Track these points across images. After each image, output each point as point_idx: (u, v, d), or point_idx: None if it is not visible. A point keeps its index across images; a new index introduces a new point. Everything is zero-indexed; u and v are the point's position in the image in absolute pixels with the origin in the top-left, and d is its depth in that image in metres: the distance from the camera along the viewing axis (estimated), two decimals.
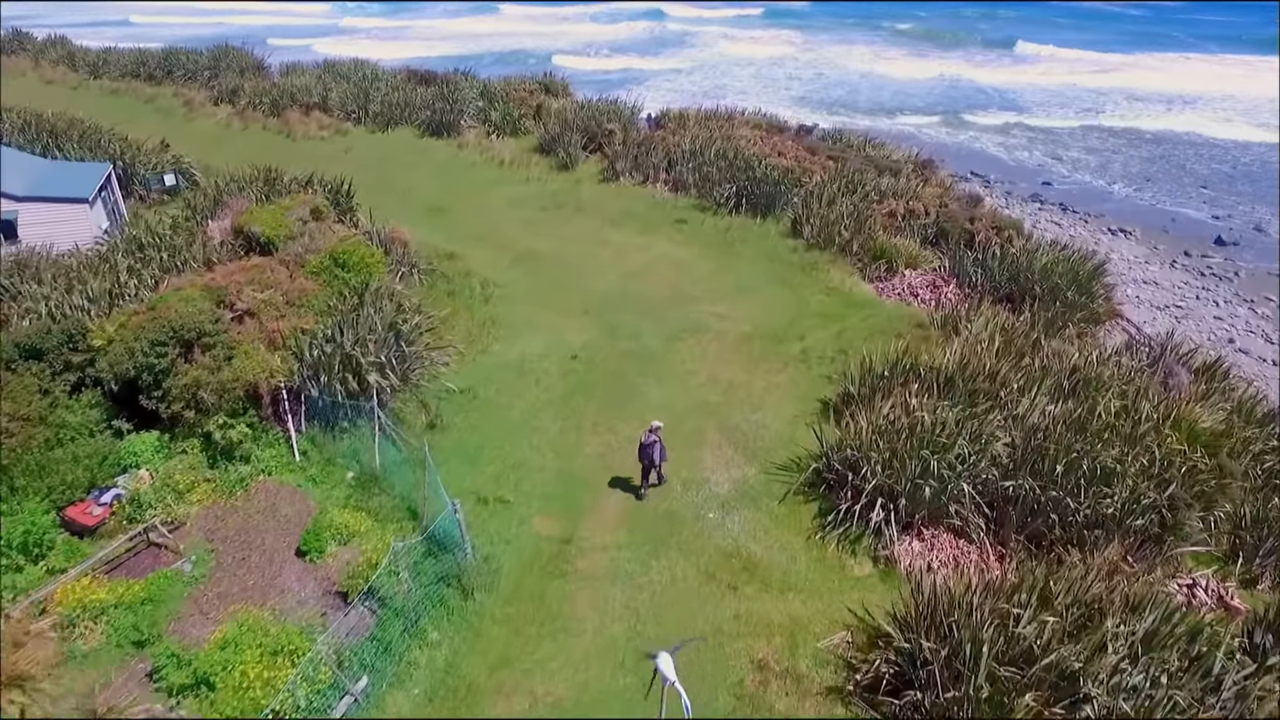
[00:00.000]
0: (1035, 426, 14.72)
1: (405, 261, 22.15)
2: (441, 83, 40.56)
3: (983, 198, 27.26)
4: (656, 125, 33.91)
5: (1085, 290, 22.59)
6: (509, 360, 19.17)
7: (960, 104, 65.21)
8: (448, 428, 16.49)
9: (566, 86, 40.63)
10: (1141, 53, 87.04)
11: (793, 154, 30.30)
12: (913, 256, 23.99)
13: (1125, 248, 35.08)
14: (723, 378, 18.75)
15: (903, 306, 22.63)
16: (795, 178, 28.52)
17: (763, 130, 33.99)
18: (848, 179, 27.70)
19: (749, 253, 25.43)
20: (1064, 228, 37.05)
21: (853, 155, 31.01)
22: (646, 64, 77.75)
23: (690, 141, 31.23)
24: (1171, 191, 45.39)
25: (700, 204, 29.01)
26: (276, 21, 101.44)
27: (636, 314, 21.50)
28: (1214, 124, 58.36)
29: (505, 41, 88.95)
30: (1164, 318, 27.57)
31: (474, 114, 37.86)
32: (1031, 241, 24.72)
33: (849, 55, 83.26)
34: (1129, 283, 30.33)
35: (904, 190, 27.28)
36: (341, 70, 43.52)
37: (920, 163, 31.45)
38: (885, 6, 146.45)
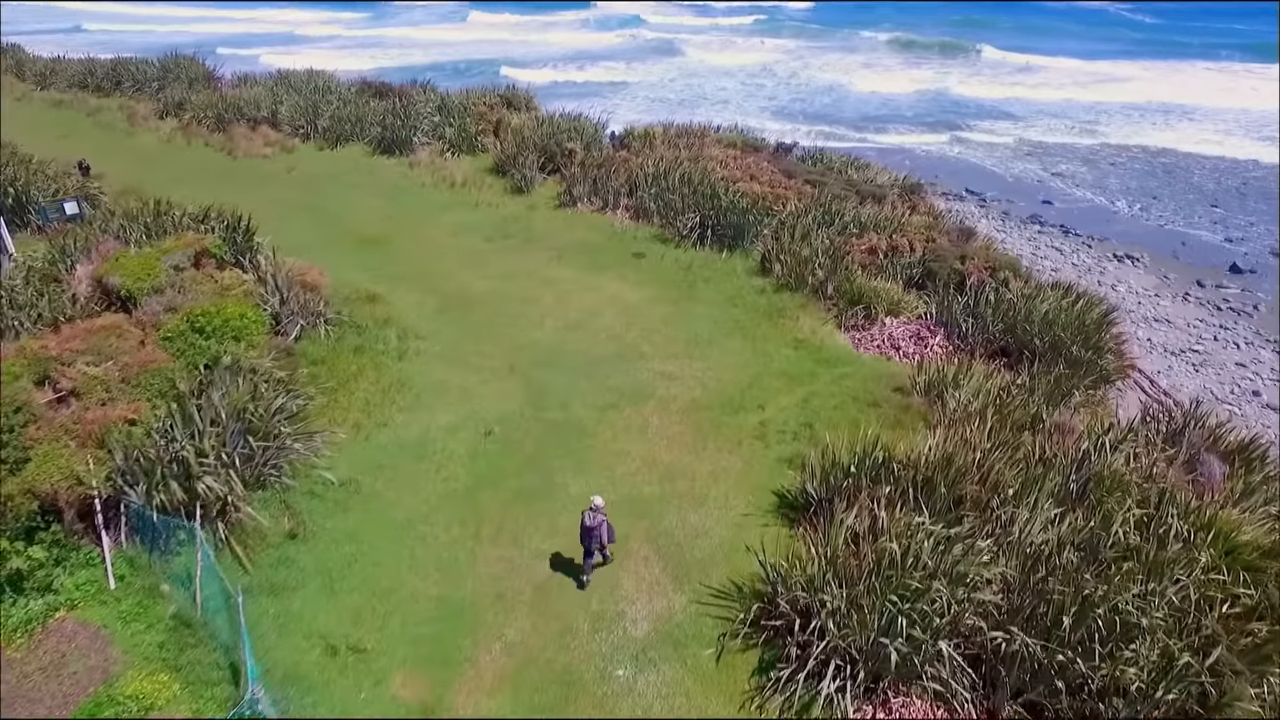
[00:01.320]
0: (1035, 554, 11.46)
1: (308, 311, 18.93)
2: (397, 96, 37.40)
3: (975, 230, 24.01)
4: (620, 144, 30.67)
5: (1092, 343, 19.33)
6: (410, 438, 15.93)
7: (956, 117, 61.92)
8: (313, 536, 13.26)
9: (531, 100, 37.38)
10: (1146, 60, 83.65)
11: (766, 178, 27.07)
12: (895, 302, 20.73)
13: (1133, 277, 31.75)
14: (661, 461, 15.50)
15: (882, 362, 19.37)
16: (767, 206, 25.29)
17: (737, 150, 30.75)
18: (824, 208, 24.45)
19: (710, 295, 22.17)
20: (1066, 254, 33.74)
21: (833, 179, 27.76)
22: (626, 73, 74.45)
23: (654, 164, 28.00)
24: (1180, 210, 42.06)
25: (662, 235, 25.77)
26: (233, 30, 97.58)
27: (571, 374, 18.25)
28: (1221, 138, 54.99)
29: (481, 50, 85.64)
30: (1180, 365, 24.24)
31: (429, 130, 34.66)
32: (1030, 284, 21.44)
33: (838, 65, 79.96)
34: (1139, 321, 27.00)
35: (887, 222, 24.02)
36: (295, 82, 40.35)
37: (907, 187, 28.19)
38: (882, 13, 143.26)
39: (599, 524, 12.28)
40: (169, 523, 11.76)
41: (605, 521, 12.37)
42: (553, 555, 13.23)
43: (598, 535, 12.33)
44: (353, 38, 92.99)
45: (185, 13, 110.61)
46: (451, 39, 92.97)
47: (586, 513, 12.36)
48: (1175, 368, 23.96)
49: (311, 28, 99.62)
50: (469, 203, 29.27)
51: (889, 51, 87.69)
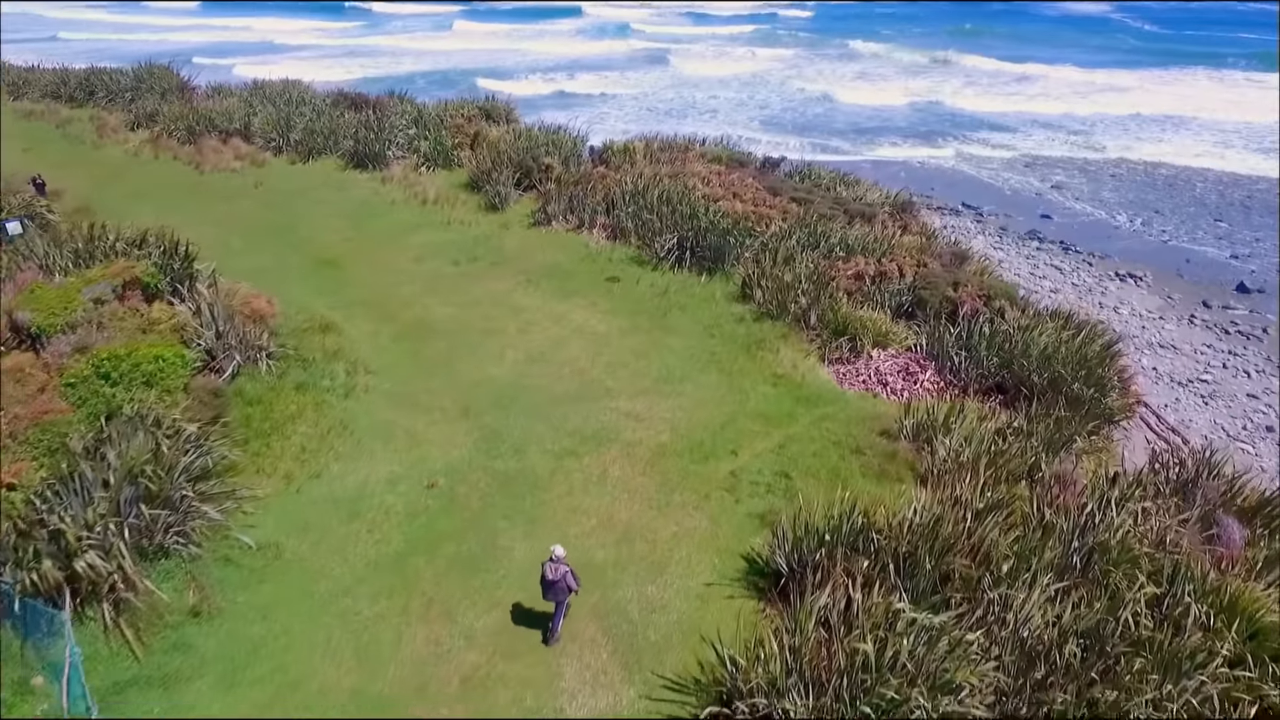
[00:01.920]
0: (1033, 650, 9.90)
1: (248, 345, 17.39)
2: (372, 108, 35.93)
3: (969, 254, 22.48)
4: (599, 160, 29.16)
5: (1094, 379, 17.76)
6: (345, 491, 14.39)
7: (953, 128, 60.46)
8: (221, 614, 11.71)
9: (511, 112, 35.89)
10: (1146, 69, 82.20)
11: (750, 195, 25.54)
12: (882, 333, 19.17)
13: (1136, 298, 30.19)
14: (620, 519, 13.94)
15: (868, 400, 17.79)
16: (749, 226, 23.76)
17: (721, 165, 29.24)
18: (810, 229, 22.91)
19: (685, 324, 20.62)
20: (1065, 273, 32.18)
21: (820, 197, 26.23)
22: (615, 83, 72.93)
23: (633, 180, 26.49)
24: (1183, 225, 40.52)
25: (639, 256, 24.24)
26: (212, 39, 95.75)
27: (529, 415, 16.70)
28: (1223, 150, 53.50)
29: (470, 59, 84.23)
30: (1188, 397, 22.65)
31: (404, 144, 33.18)
32: (1028, 313, 19.88)
33: (833, 75, 78.59)
34: (1143, 348, 25.43)
35: (876, 244, 22.49)
36: (270, 93, 38.91)
37: (899, 204, 26.66)
38: (880, 22, 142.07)
39: (561, 576, 11.08)
40: (33, 609, 10.21)
41: (569, 572, 11.15)
42: (487, 634, 11.68)
43: (561, 588, 11.15)
44: (337, 47, 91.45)
45: (164, 21, 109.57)
46: (438, 48, 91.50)
47: (547, 564, 11.14)
48: (1183, 400, 22.38)
49: (293, 37, 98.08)
50: (439, 221, 27.74)
51: (885, 61, 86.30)
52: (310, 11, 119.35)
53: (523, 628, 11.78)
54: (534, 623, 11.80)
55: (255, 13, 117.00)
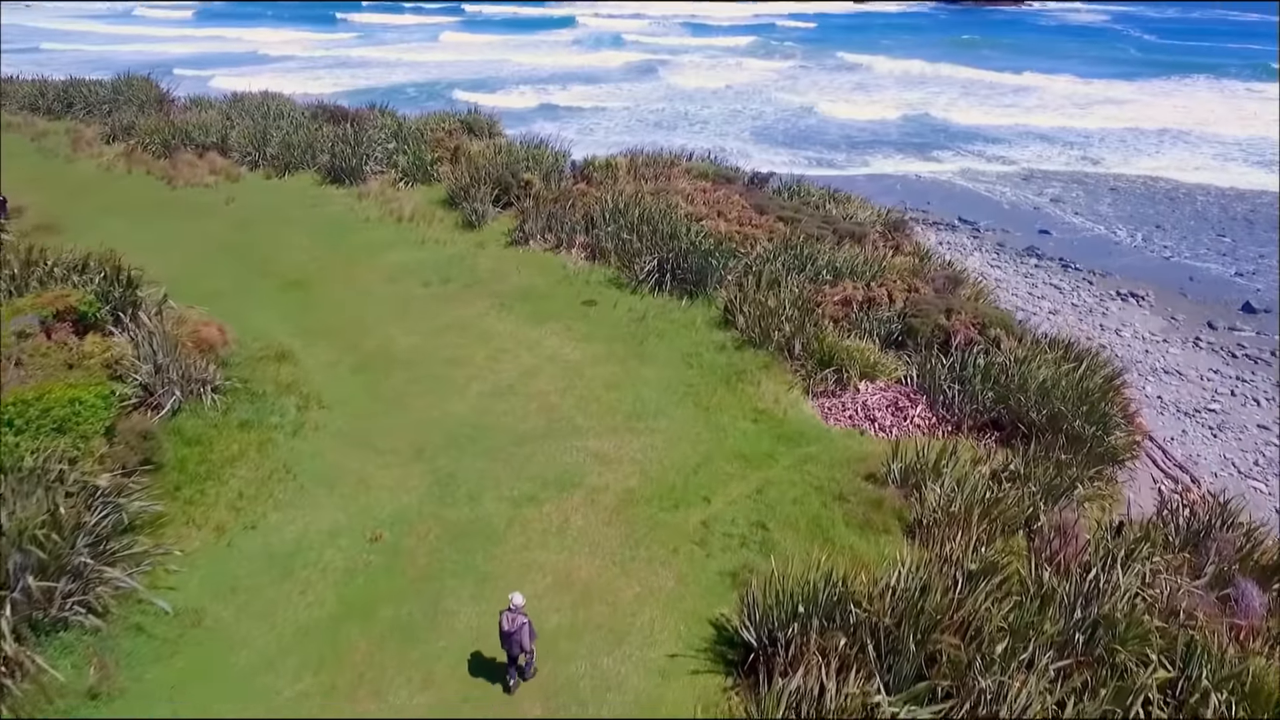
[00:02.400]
0: None
1: (192, 379, 16.16)
2: (351, 121, 34.81)
3: (963, 278, 21.23)
4: (580, 175, 27.98)
5: (1097, 416, 16.49)
6: (281, 545, 13.13)
7: (950, 141, 59.36)
8: (123, 694, 10.42)
9: (494, 125, 34.74)
10: (1146, 81, 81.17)
11: (735, 214, 24.34)
12: (870, 364, 17.91)
13: (1138, 318, 28.93)
14: (579, 577, 12.67)
15: (854, 438, 16.52)
16: (733, 247, 22.55)
17: (708, 181, 28.05)
18: (796, 251, 21.68)
19: (663, 353, 19.38)
20: (1065, 292, 30.94)
21: (808, 215, 25.03)
22: (608, 94, 71.91)
23: (613, 198, 25.30)
24: (1185, 240, 39.30)
25: (618, 278, 23.02)
26: (195, 50, 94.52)
27: (488, 457, 15.44)
28: (1224, 164, 52.32)
29: (461, 70, 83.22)
30: (1196, 429, 21.36)
31: (382, 158, 32.03)
32: (1024, 342, 18.62)
33: (830, 86, 77.62)
34: (1147, 374, 24.14)
35: (865, 266, 21.26)
36: (249, 105, 37.82)
37: (891, 222, 25.43)
38: (879, 33, 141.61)
39: (519, 627, 10.18)
40: None
41: (527, 624, 10.23)
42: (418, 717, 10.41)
43: (518, 640, 10.22)
44: (326, 58, 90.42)
45: (153, 31, 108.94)
46: (429, 59, 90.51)
47: (504, 614, 10.24)
48: (1191, 432, 21.09)
49: (283, 48, 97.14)
50: (414, 240, 26.55)
51: (883, 73, 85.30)
52: (303, 23, 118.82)
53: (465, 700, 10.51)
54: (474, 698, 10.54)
55: (248, 23, 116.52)
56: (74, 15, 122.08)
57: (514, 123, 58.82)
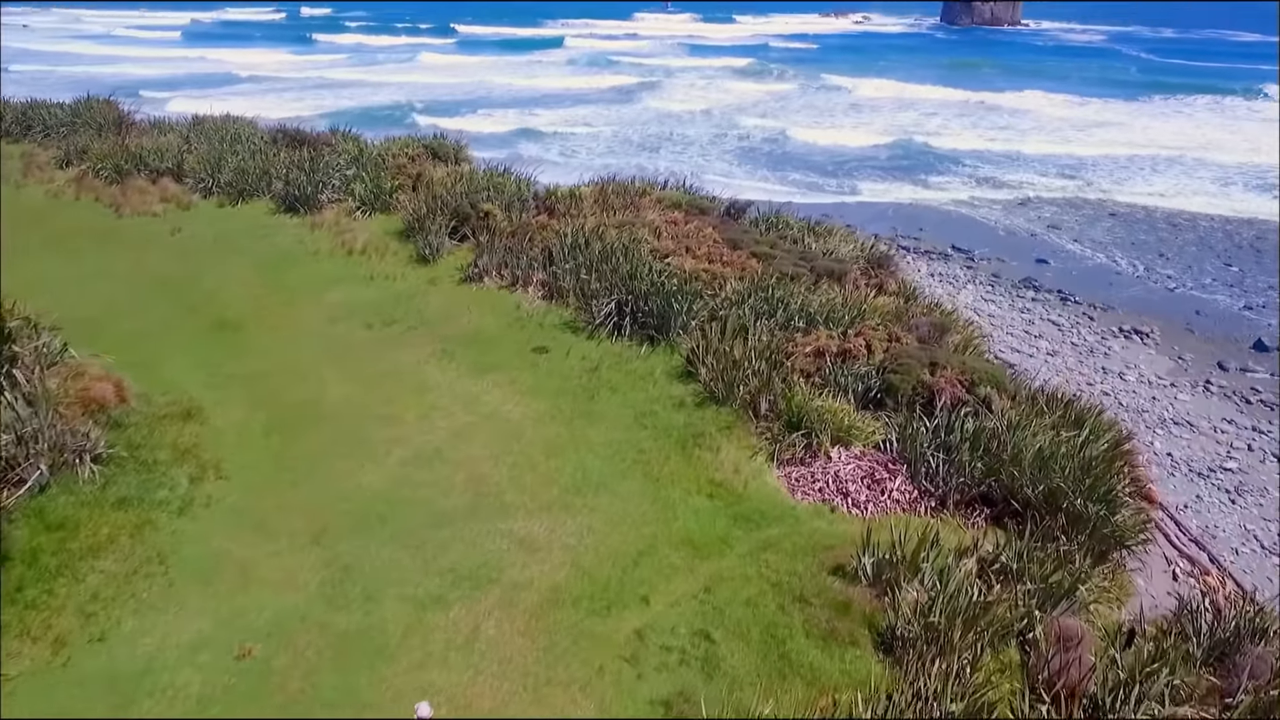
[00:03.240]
0: None
1: (65, 447, 14.01)
2: (312, 145, 32.87)
3: (950, 323, 19.05)
4: (543, 206, 25.91)
5: (1101, 491, 14.26)
6: (130, 663, 10.89)
7: (945, 164, 57.44)
8: None
9: (461, 149, 32.73)
10: (1144, 101, 79.37)
11: (705, 250, 22.24)
12: (844, 427, 15.70)
13: (1144, 359, 26.73)
14: (479, 708, 10.43)
15: (822, 517, 14.29)
16: (699, 288, 20.42)
17: (680, 212, 25.96)
18: (767, 293, 19.53)
19: (615, 410, 17.20)
20: (1064, 329, 28.76)
21: (785, 250, 22.91)
22: (591, 116, 70.30)
23: (574, 232, 23.23)
24: (1190, 270, 37.18)
25: (575, 321, 20.86)
26: (167, 72, 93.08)
27: (397, 543, 13.23)
28: (1229, 189, 50.25)
29: (447, 92, 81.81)
30: (1211, 493, 19.10)
31: (340, 185, 30.02)
32: (1019, 400, 16.41)
33: (823, 107, 75.86)
34: (1154, 426, 21.91)
35: (843, 309, 19.10)
36: (210, 129, 35.93)
37: (875, 258, 23.28)
38: (876, 54, 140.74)
39: None
40: None
41: None
42: None
43: None
44: (300, 79, 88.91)
45: (133, 52, 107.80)
46: (414, 80, 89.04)
47: None
48: (1205, 496, 18.83)
49: (259, 69, 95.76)
50: (363, 275, 24.46)
51: (877, 96, 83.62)
52: (289, 44, 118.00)
53: None
54: None
55: (236, 44, 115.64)
56: (66, 36, 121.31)
57: (497, 145, 57.11)
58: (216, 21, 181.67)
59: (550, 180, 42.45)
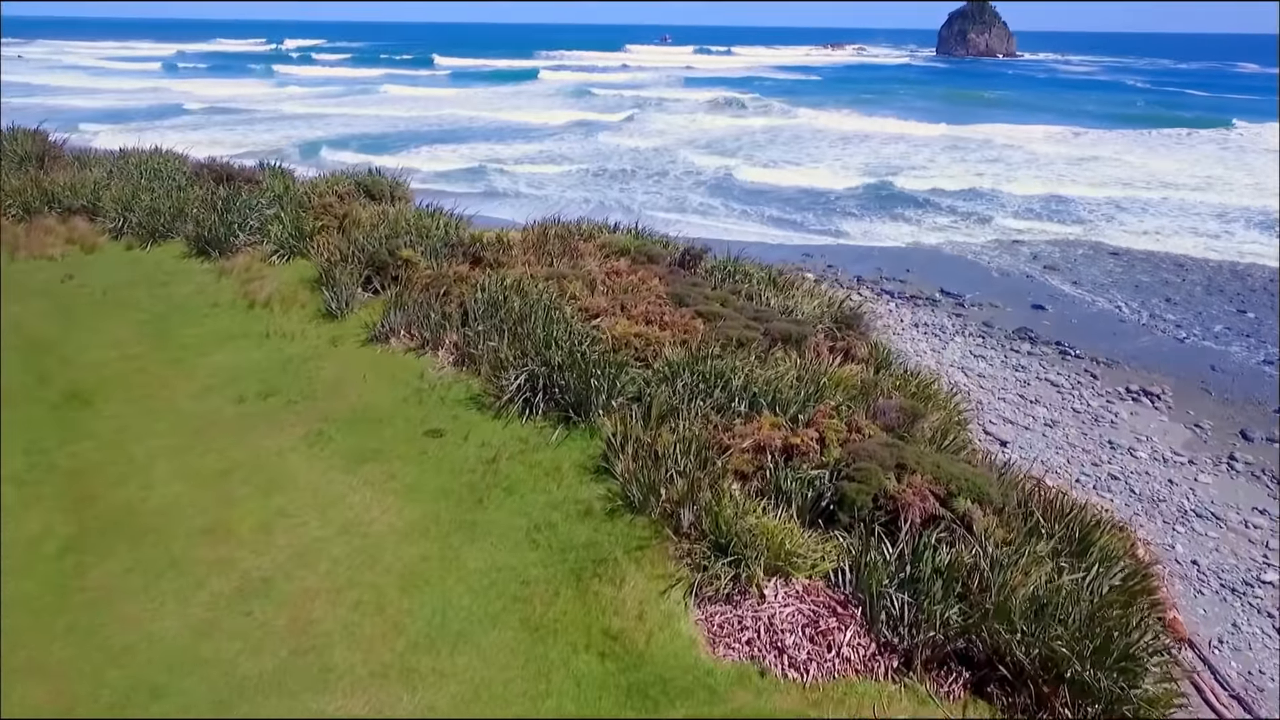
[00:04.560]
0: None
1: None
2: (238, 181, 29.71)
3: (924, 411, 15.46)
4: (469, 254, 22.52)
5: (1114, 654, 10.62)
6: None
7: (930, 201, 54.20)
8: None
9: (400, 186, 29.45)
10: (1142, 131, 76.36)
11: (643, 309, 18.76)
12: (784, 553, 12.09)
13: (1155, 428, 23.10)
14: None
15: (748, 684, 10.64)
16: (626, 358, 16.93)
17: (627, 258, 22.54)
18: (705, 367, 15.99)
19: (504, 519, 13.63)
20: (1064, 391, 25.14)
21: (738, 307, 19.45)
22: (561, 147, 67.30)
23: (495, 285, 19.83)
24: (1200, 317, 33.59)
25: (484, 394, 17.32)
26: (113, 105, 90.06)
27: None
28: (1238, 228, 46.87)
29: (412, 124, 79.13)
30: (1249, 616, 15.27)
31: (257, 227, 26.75)
32: (1006, 517, 12.79)
33: (809, 140, 72.95)
34: (1173, 522, 18.19)
35: (796, 389, 15.56)
36: (135, 163, 32.85)
37: (843, 317, 19.78)
38: (863, 87, 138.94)
39: None
40: None
41: None
42: None
43: None
44: (251, 112, 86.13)
45: (84, 83, 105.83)
46: (381, 113, 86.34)
47: None
48: (1244, 624, 15.01)
49: (213, 101, 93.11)
50: (258, 333, 21.06)
51: (866, 129, 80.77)
52: (258, 76, 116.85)
53: None
54: None
55: (220, 75, 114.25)
56: (49, 68, 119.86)
57: (468, 179, 54.08)
58: (199, 54, 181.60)
59: (495, 219, 39.30)
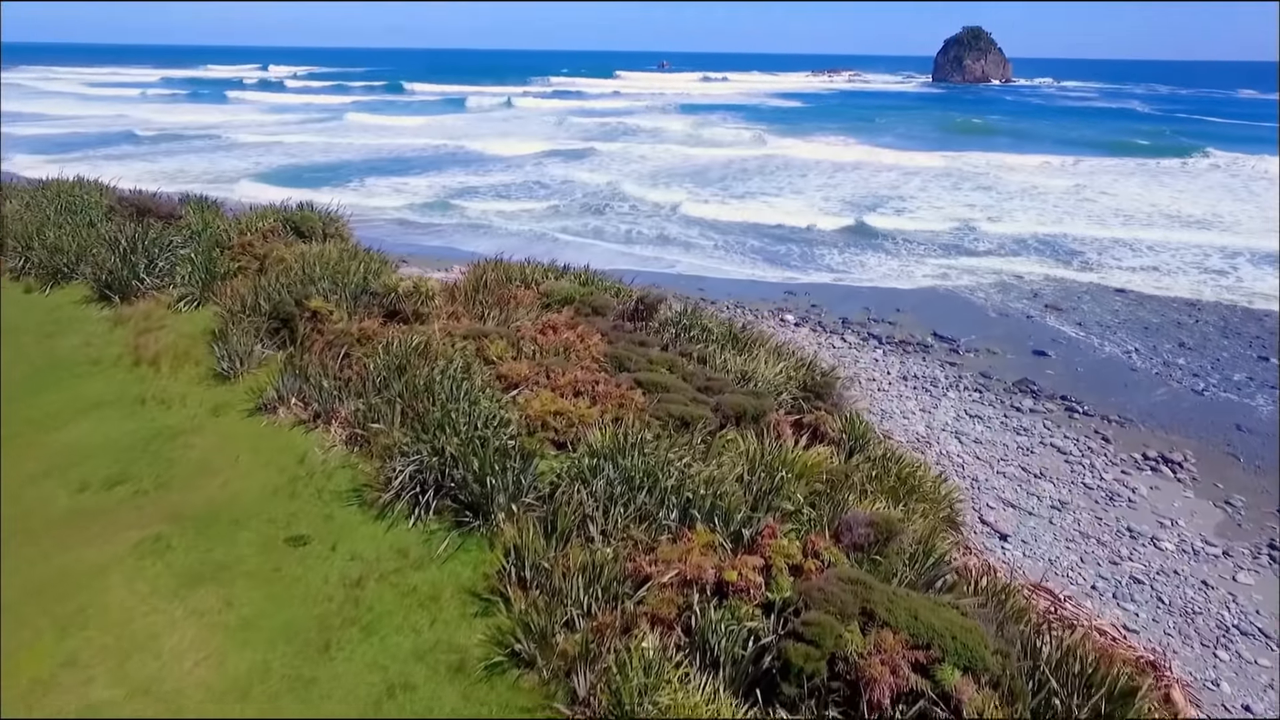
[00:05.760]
0: None
1: None
2: (157, 217, 26.73)
3: (901, 529, 12.18)
4: (384, 305, 19.33)
5: None
6: None
7: (926, 235, 51.20)
8: None
9: (335, 221, 26.47)
10: (1145, 160, 73.52)
11: (570, 379, 15.50)
12: None
13: (1181, 507, 19.75)
14: None
15: None
16: (541, 442, 13.70)
17: (570, 308, 19.36)
18: (629, 467, 12.71)
19: (353, 675, 10.26)
20: (1073, 461, 21.80)
21: (688, 372, 16.21)
22: (532, 174, 64.45)
23: (401, 347, 16.63)
24: (1218, 365, 30.26)
25: (369, 486, 14.07)
26: (59, 131, 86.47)
27: None
28: (1258, 266, 43.71)
29: (374, 151, 76.27)
30: None
31: (164, 269, 23.70)
32: (1009, 676, 9.49)
33: (797, 168, 70.18)
34: (1215, 645, 14.74)
35: (747, 485, 12.30)
36: (53, 194, 29.94)
37: (813, 385, 16.53)
38: (854, 116, 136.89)
39: None
40: None
41: None
42: None
43: None
44: (203, 140, 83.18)
45: (39, 108, 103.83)
46: (316, 141, 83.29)
47: None
48: None
49: (164, 128, 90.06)
50: (133, 398, 17.88)
51: (858, 157, 78.04)
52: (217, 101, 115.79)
53: None
54: None
55: (180, 103, 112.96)
56: (25, 95, 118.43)
57: (420, 213, 51.28)
58: (185, 79, 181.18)
59: (464, 252, 36.25)
